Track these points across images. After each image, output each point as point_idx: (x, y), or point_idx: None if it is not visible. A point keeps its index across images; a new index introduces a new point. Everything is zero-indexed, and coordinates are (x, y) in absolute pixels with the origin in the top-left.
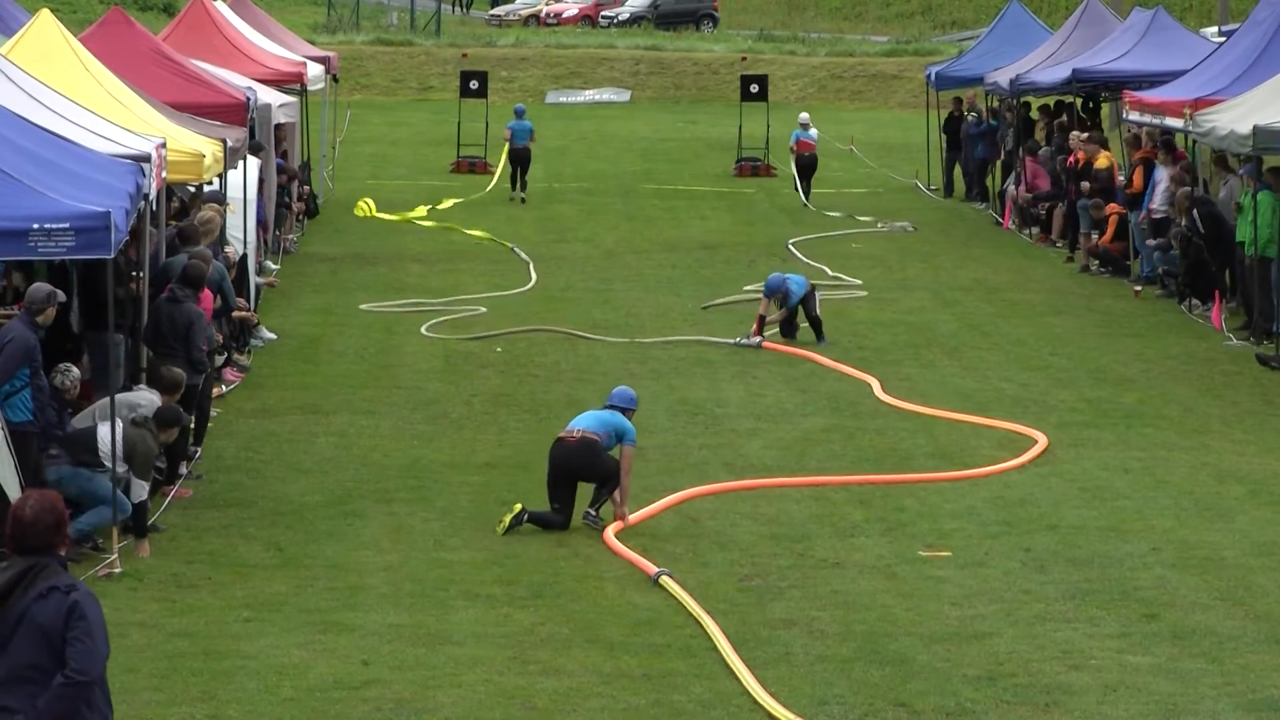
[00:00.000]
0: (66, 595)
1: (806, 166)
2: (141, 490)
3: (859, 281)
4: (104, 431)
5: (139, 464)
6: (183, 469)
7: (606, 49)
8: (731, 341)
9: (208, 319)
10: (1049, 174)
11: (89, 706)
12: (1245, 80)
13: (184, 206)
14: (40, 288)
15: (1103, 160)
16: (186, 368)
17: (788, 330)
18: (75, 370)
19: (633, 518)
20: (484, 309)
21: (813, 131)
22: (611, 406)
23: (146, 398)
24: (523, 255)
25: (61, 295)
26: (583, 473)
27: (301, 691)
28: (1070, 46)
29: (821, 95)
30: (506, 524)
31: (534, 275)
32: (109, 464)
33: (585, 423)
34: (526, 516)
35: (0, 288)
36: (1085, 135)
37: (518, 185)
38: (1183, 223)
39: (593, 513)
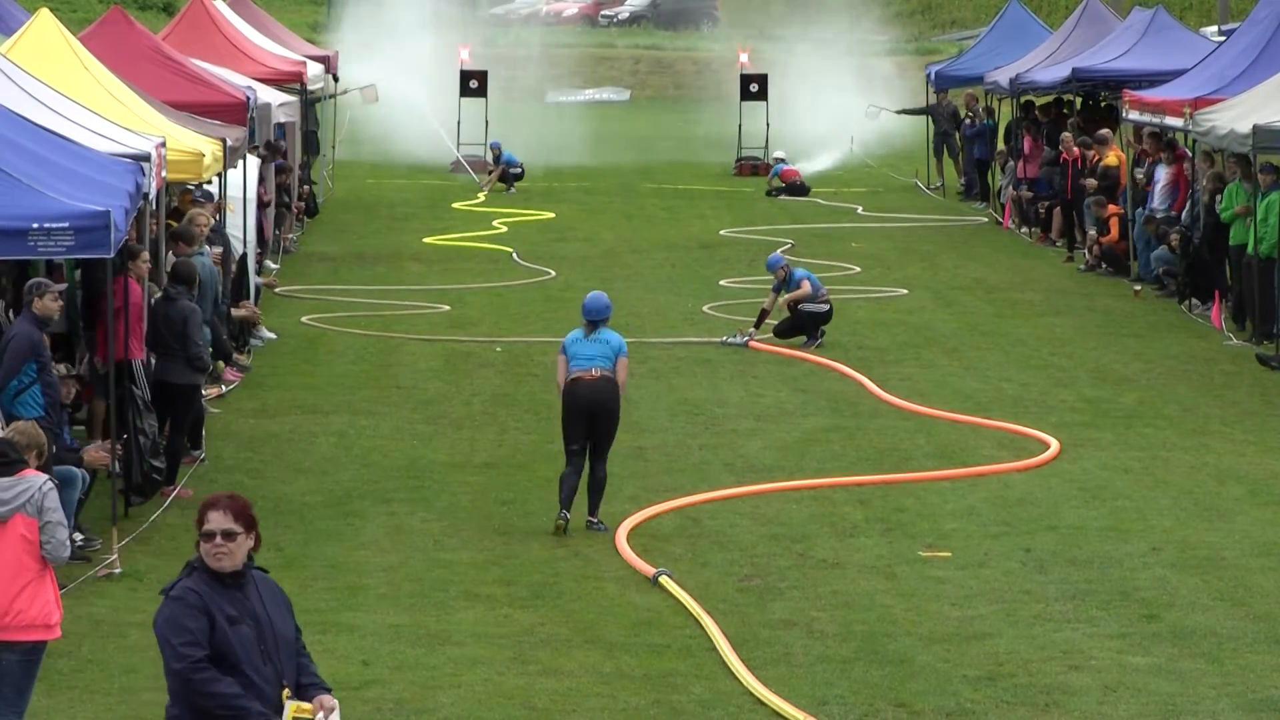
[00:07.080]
0: None
1: (799, 190)
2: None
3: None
4: None
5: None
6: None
7: (606, 48)
8: (718, 341)
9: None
10: (1040, 164)
11: None
12: (1245, 79)
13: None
14: (33, 281)
15: (1111, 158)
16: (185, 367)
17: (787, 331)
18: (61, 368)
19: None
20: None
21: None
22: (593, 323)
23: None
24: (537, 267)
25: (55, 286)
26: (601, 409)
27: None
28: (1070, 46)
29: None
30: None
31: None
32: None
33: (598, 361)
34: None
35: None
36: (1081, 134)
37: (509, 187)
38: (1184, 233)
39: (594, 519)
